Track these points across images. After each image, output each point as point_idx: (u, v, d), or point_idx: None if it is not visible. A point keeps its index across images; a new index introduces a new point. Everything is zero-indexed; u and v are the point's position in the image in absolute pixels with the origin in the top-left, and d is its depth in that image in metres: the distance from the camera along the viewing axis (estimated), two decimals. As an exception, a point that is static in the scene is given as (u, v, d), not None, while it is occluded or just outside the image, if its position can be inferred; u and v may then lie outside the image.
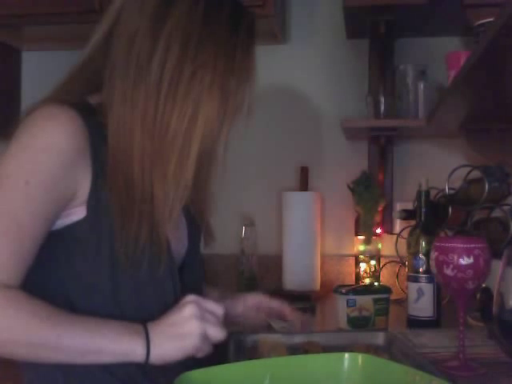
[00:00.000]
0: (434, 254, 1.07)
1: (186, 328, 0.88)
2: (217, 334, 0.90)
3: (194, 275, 1.08)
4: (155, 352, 0.86)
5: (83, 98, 0.96)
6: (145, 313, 0.93)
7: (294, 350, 1.10)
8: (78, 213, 0.90)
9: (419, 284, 1.44)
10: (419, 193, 1.49)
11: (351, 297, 1.40)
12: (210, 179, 1.08)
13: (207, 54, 0.92)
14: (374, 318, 1.40)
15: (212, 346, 0.91)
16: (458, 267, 1.03)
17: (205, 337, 0.89)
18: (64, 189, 0.88)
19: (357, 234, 1.94)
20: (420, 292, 1.44)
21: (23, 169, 0.86)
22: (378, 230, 1.94)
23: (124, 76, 0.92)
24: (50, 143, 0.86)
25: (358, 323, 1.39)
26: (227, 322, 0.96)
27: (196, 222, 1.11)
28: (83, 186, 0.90)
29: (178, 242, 1.04)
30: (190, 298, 0.91)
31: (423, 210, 1.48)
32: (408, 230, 1.56)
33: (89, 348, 0.84)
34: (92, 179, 0.90)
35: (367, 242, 1.90)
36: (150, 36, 0.91)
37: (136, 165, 0.91)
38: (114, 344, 0.85)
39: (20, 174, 0.85)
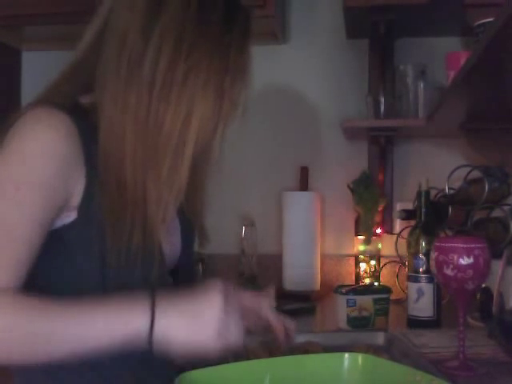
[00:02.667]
0: (434, 254, 1.07)
1: (207, 317, 0.83)
2: (236, 337, 0.85)
3: (187, 277, 1.07)
4: (161, 323, 0.81)
5: (75, 99, 0.93)
6: None
7: (294, 350, 1.10)
8: (68, 216, 0.88)
9: (419, 284, 1.44)
10: (419, 193, 1.49)
11: (351, 297, 1.40)
12: (205, 180, 1.06)
13: (200, 52, 0.90)
14: (373, 318, 1.40)
15: (227, 349, 0.85)
16: (458, 267, 1.03)
17: (224, 332, 0.83)
18: (57, 193, 0.86)
19: (357, 234, 1.94)
20: (420, 292, 1.44)
21: (13, 175, 0.84)
22: (378, 230, 1.93)
23: (115, 76, 0.89)
24: (41, 148, 0.85)
25: (358, 323, 1.39)
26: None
27: (190, 222, 1.09)
28: (77, 189, 0.88)
29: (171, 246, 1.02)
30: (220, 286, 0.86)
31: (423, 209, 1.48)
32: (408, 230, 1.56)
33: (84, 330, 0.80)
34: (86, 183, 0.88)
35: (367, 242, 1.90)
36: (142, 35, 0.89)
37: (128, 167, 0.89)
38: (111, 317, 0.81)
39: (10, 181, 0.83)
